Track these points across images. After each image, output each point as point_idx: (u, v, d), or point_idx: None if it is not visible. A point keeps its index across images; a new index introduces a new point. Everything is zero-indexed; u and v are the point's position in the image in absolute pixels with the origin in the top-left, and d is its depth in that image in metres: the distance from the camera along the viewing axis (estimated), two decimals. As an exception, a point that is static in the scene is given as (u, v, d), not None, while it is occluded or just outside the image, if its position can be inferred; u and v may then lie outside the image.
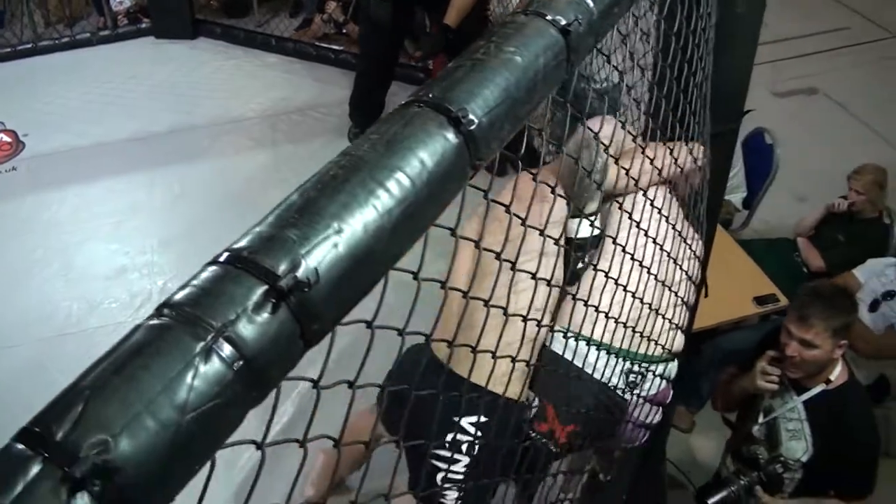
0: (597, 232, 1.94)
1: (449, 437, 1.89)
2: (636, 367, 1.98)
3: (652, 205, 1.57)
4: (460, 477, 1.97)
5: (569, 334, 1.85)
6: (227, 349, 0.47)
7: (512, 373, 1.20)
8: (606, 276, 1.46)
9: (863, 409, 2.55)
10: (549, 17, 0.82)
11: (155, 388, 0.44)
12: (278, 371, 0.51)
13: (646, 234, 1.54)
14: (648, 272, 1.59)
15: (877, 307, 3.62)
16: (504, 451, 1.71)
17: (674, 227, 1.78)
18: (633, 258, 1.53)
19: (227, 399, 0.47)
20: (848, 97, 6.23)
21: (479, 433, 1.92)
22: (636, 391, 2.01)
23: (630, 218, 1.49)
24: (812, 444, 2.50)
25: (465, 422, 1.90)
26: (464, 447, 1.96)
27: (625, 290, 1.54)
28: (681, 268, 1.90)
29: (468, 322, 0.85)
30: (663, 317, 1.88)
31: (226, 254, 0.52)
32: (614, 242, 1.48)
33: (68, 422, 0.42)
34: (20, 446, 0.41)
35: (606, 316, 1.56)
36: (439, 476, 1.97)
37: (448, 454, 1.95)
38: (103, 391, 0.43)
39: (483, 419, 1.91)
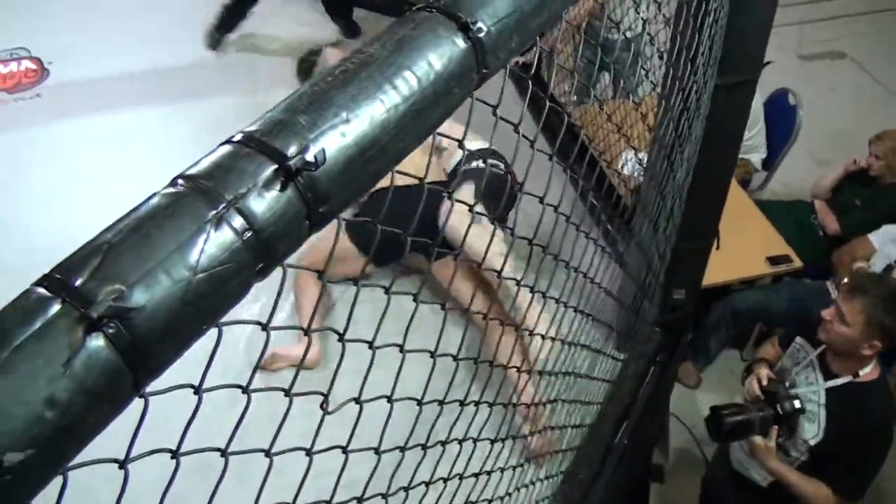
0: None
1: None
2: None
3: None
4: None
5: None
6: (237, 219, 0.50)
7: None
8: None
9: (883, 411, 2.52)
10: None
11: (169, 247, 0.47)
12: (284, 247, 0.54)
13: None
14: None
15: (890, 272, 3.62)
16: None
17: None
18: None
19: (235, 265, 0.50)
20: (875, 63, 6.15)
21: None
22: None
23: None
24: (824, 431, 2.50)
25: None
26: None
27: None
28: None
29: None
30: None
31: (239, 135, 0.55)
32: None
33: (87, 271, 0.45)
34: (41, 290, 0.45)
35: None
36: None
37: None
38: (120, 246, 0.46)
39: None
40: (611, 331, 2.47)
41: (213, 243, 0.49)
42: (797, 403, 2.52)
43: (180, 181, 0.51)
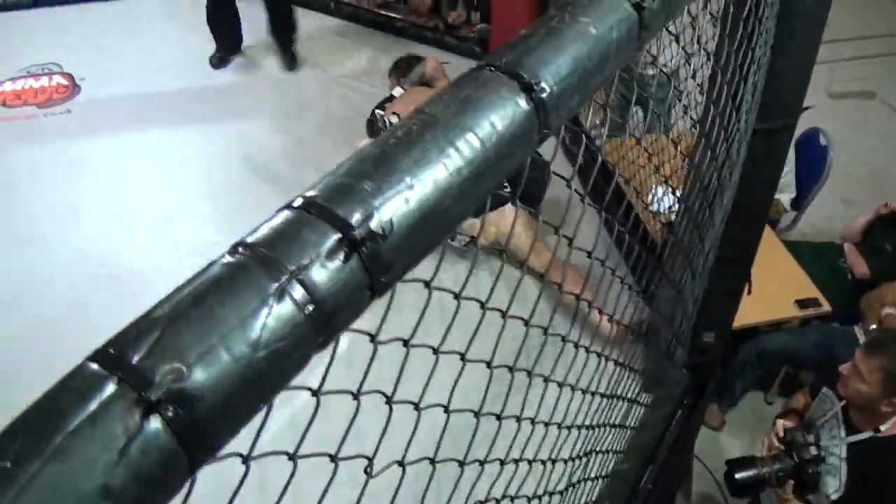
0: None
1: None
2: None
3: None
4: None
5: None
6: (299, 292, 0.48)
7: None
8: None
9: None
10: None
11: (230, 323, 0.45)
12: (345, 318, 0.51)
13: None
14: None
15: (920, 318, 3.55)
16: None
17: None
18: None
19: (296, 340, 0.47)
20: (905, 104, 6.11)
21: None
22: None
23: None
24: (845, 486, 2.44)
25: None
26: None
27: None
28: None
29: None
30: None
31: (300, 199, 0.53)
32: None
33: (144, 347, 0.43)
34: (95, 366, 0.43)
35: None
36: None
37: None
38: (180, 321, 0.44)
39: None
40: (639, 373, 2.44)
41: (275, 317, 0.46)
42: (814, 450, 2.47)
43: (240, 249, 0.49)
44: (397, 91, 3.94)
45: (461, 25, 5.55)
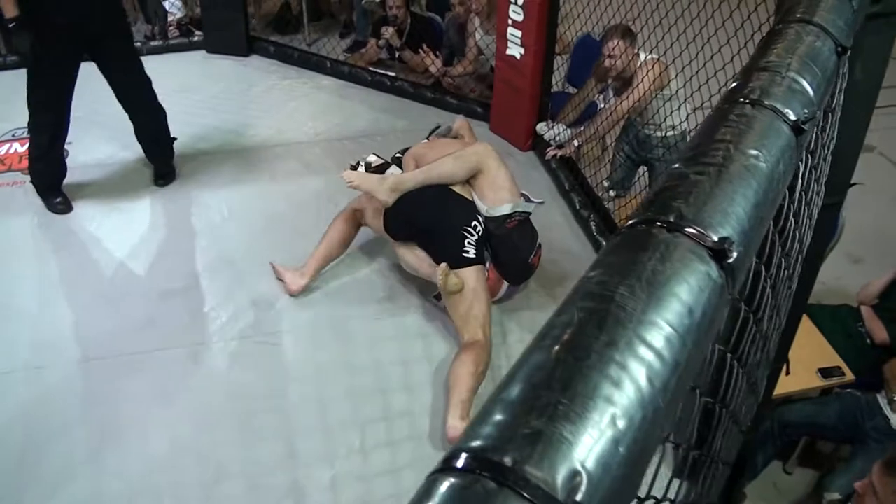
0: None
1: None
2: None
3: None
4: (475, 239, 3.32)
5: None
6: None
7: None
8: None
9: None
10: (769, 106, 0.68)
11: None
12: None
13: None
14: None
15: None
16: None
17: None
18: None
19: None
20: (904, 157, 6.07)
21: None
22: None
23: None
24: None
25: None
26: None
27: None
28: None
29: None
30: None
31: (464, 456, 0.37)
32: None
33: None
34: None
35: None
36: (466, 241, 3.29)
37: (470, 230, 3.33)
38: None
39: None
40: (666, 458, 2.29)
41: None
42: None
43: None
44: (424, 142, 3.82)
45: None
